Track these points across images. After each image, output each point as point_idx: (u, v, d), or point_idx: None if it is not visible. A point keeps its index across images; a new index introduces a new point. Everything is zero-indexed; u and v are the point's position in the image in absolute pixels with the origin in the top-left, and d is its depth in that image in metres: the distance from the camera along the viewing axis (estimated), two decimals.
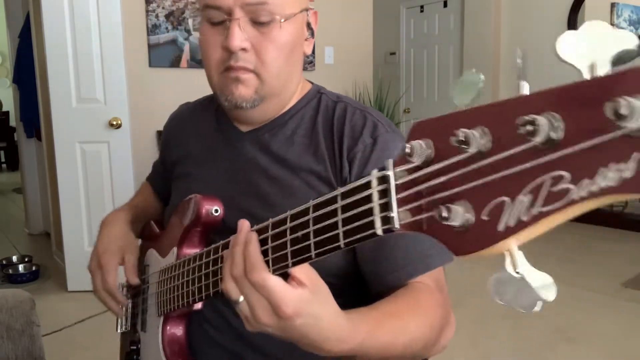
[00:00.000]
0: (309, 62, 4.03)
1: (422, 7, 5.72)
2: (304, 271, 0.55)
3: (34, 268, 3.58)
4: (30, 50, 3.94)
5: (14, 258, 3.82)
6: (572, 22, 4.40)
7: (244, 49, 0.77)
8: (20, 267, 3.62)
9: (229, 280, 0.57)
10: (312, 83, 0.93)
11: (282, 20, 0.77)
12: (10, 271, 3.54)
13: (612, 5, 4.24)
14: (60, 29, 3.01)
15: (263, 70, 0.79)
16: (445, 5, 5.47)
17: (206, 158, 0.92)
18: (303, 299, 0.54)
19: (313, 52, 4.04)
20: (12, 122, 7.82)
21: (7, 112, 8.94)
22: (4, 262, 3.72)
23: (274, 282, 0.53)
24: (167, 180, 1.04)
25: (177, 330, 0.85)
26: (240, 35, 0.76)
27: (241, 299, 0.56)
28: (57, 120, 3.08)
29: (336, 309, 0.57)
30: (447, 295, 0.77)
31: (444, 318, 0.72)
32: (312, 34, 0.87)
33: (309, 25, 0.86)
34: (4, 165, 9.74)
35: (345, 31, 4.21)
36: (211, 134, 0.94)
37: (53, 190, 3.57)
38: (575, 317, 2.74)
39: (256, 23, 0.77)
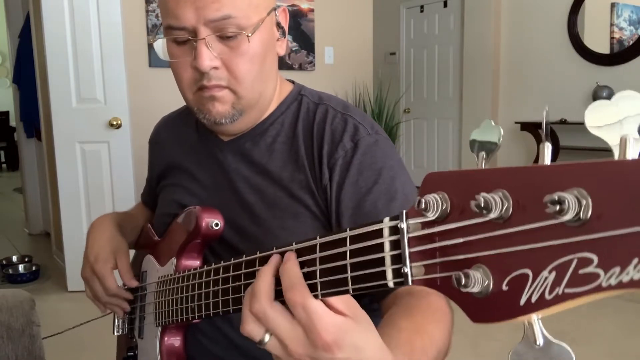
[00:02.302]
0: (309, 62, 4.04)
1: (422, 7, 5.72)
2: (342, 299, 0.48)
3: (34, 268, 3.58)
4: (30, 50, 3.94)
5: (14, 258, 3.82)
6: (572, 22, 4.40)
7: (215, 67, 0.75)
8: (20, 267, 3.62)
9: (250, 321, 0.50)
10: (293, 83, 0.91)
11: (250, 34, 0.74)
12: (10, 271, 3.54)
13: (612, 5, 4.24)
14: (60, 29, 3.00)
15: (237, 85, 0.77)
16: (445, 5, 5.47)
17: (190, 169, 0.91)
18: (344, 327, 0.47)
19: (313, 52, 4.04)
20: (12, 122, 7.83)
21: (7, 112, 8.94)
22: (4, 262, 3.72)
23: (316, 303, 0.47)
24: (157, 195, 1.03)
25: (176, 341, 0.84)
26: (209, 55, 0.73)
27: (267, 337, 0.50)
28: (57, 120, 3.08)
29: (380, 341, 0.50)
30: None
31: (452, 319, 0.70)
32: (284, 33, 0.83)
33: (279, 24, 0.82)
34: (4, 165, 9.74)
35: (345, 31, 4.22)
36: (194, 145, 0.92)
37: (53, 190, 3.57)
38: (575, 317, 2.74)
39: (223, 38, 0.74)
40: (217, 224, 0.79)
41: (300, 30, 3.97)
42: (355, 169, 0.77)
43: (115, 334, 1.00)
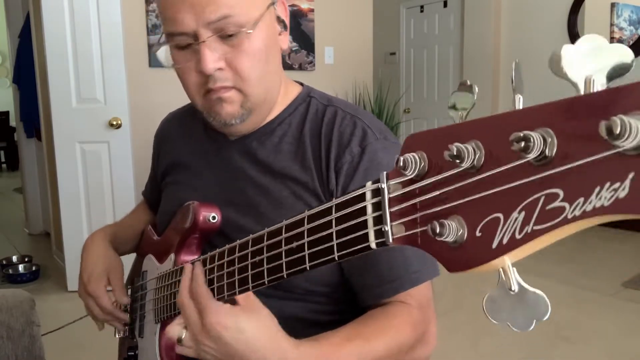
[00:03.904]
0: (309, 62, 4.03)
1: (422, 7, 5.72)
2: (243, 294, 0.61)
3: (34, 268, 3.58)
4: (30, 50, 3.94)
5: (14, 258, 3.82)
6: (572, 23, 4.39)
7: (219, 69, 0.74)
8: (20, 267, 3.61)
9: (174, 322, 0.66)
10: (302, 85, 0.90)
11: (249, 30, 0.73)
12: (10, 271, 3.54)
13: (612, 5, 4.24)
14: (60, 29, 3.00)
15: (243, 84, 0.76)
16: (445, 5, 5.47)
17: (196, 167, 0.91)
18: (229, 312, 0.60)
19: (313, 52, 4.04)
20: (12, 122, 7.82)
21: (7, 112, 8.94)
22: (4, 262, 3.72)
23: (206, 290, 0.62)
24: (160, 191, 1.03)
25: None
26: (212, 57, 0.73)
27: (184, 334, 0.63)
28: (57, 120, 3.08)
29: (271, 331, 0.61)
30: (431, 310, 0.76)
31: (418, 337, 0.72)
32: (285, 27, 0.82)
33: (279, 18, 0.81)
34: (4, 165, 9.73)
35: (345, 31, 4.21)
36: (200, 143, 0.92)
37: (53, 190, 3.57)
38: (575, 317, 2.74)
39: (224, 38, 0.73)
40: (214, 217, 0.79)
41: (300, 30, 3.97)
42: (361, 176, 0.77)
43: (117, 336, 1.00)
